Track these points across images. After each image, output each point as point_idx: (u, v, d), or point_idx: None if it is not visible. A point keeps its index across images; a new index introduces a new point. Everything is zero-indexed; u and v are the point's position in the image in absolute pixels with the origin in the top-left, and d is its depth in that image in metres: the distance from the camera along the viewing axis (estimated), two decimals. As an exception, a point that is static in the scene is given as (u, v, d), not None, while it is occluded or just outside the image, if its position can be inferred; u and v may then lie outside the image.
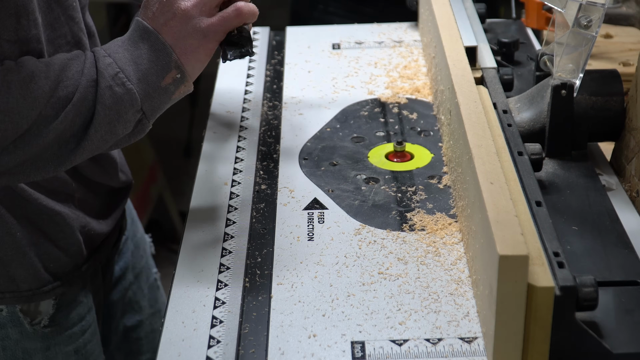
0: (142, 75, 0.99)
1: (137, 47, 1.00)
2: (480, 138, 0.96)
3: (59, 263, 1.13)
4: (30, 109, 0.94)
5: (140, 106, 0.99)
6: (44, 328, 1.15)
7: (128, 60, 0.99)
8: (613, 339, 0.82)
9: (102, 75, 0.98)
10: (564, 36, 1.07)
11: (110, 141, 1.00)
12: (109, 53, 1.00)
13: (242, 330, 0.90)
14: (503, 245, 0.79)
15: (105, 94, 0.97)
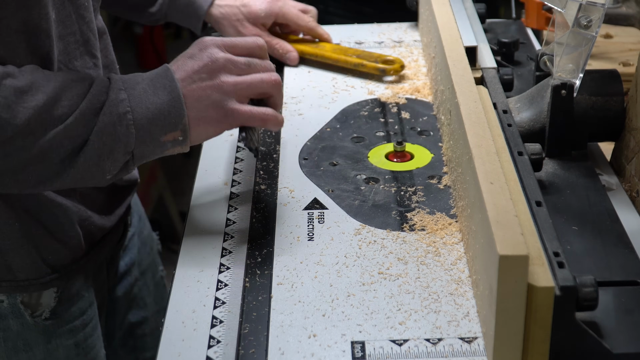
0: (147, 123, 0.97)
1: (156, 94, 0.98)
2: (480, 138, 0.96)
3: (58, 255, 1.12)
4: (15, 117, 0.92)
5: (132, 149, 0.98)
6: (45, 320, 1.15)
7: (141, 103, 0.97)
8: (613, 339, 0.82)
9: (110, 109, 0.96)
10: (564, 36, 1.07)
11: (96, 176, 0.98)
12: (126, 87, 0.98)
13: (242, 330, 0.90)
14: (503, 245, 0.79)
15: (106, 129, 0.95)
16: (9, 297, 1.12)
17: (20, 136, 0.92)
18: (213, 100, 1.00)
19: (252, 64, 1.04)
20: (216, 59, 1.01)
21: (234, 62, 1.02)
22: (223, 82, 1.01)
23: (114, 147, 0.96)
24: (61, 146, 0.94)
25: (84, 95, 0.96)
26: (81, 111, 0.95)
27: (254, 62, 1.04)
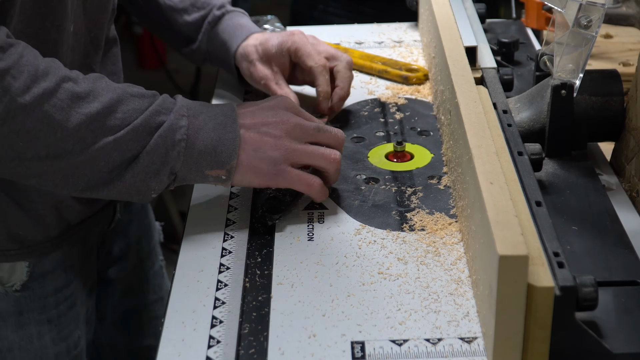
0: (197, 154, 1.00)
1: (215, 129, 1.00)
2: (480, 138, 0.96)
3: (28, 231, 1.12)
4: (67, 121, 0.94)
5: (177, 172, 1.00)
6: (16, 292, 1.15)
7: (198, 134, 0.99)
8: (613, 339, 0.82)
9: (167, 132, 0.98)
10: (564, 36, 1.07)
11: (141, 191, 0.99)
12: (189, 114, 1.00)
13: (242, 330, 0.90)
14: (503, 245, 0.79)
15: (158, 149, 0.98)
16: None
17: (71, 140, 0.94)
18: (269, 155, 1.02)
19: (322, 131, 1.06)
20: (287, 120, 1.03)
21: (303, 128, 1.04)
22: (285, 144, 1.03)
23: (161, 169, 0.99)
24: (109, 157, 0.96)
25: (142, 111, 0.98)
26: (134, 127, 0.97)
27: (324, 130, 1.06)
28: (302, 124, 1.04)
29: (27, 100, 0.91)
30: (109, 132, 0.96)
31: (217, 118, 1.01)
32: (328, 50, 1.28)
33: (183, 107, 1.00)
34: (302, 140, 1.04)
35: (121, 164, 0.97)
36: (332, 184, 1.09)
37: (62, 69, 0.96)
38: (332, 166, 1.06)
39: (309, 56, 1.25)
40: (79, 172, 0.97)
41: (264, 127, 1.03)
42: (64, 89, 0.94)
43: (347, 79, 1.27)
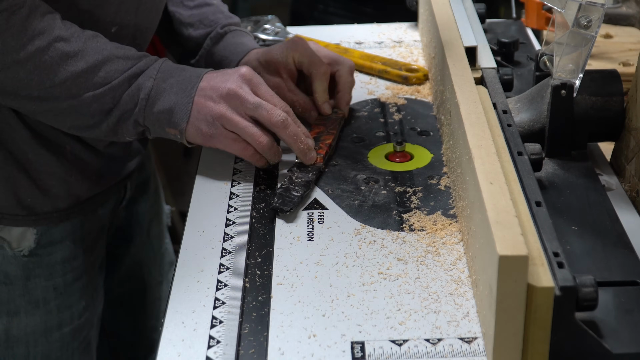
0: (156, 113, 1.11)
1: (176, 93, 1.11)
2: (480, 138, 0.96)
3: (36, 201, 1.20)
4: (55, 76, 1.06)
5: (144, 125, 1.12)
6: (24, 257, 1.22)
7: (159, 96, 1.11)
8: (613, 339, 0.82)
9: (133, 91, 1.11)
10: (564, 36, 1.07)
11: (118, 135, 1.13)
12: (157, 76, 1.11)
13: (242, 330, 0.90)
14: (503, 245, 0.79)
15: (126, 106, 1.11)
16: None
17: (58, 89, 1.07)
18: (206, 118, 1.11)
19: (260, 109, 1.11)
20: (230, 89, 1.11)
21: (241, 100, 1.11)
22: (220, 110, 1.11)
23: (129, 121, 1.11)
24: (90, 107, 1.10)
25: (123, 71, 1.10)
26: (112, 86, 1.09)
27: (262, 108, 1.11)
28: (242, 96, 1.11)
29: (22, 56, 1.05)
30: (91, 87, 1.09)
31: (182, 83, 1.12)
32: (330, 56, 1.29)
33: (154, 70, 1.12)
34: (240, 111, 1.11)
35: (100, 114, 1.10)
36: (261, 164, 1.15)
37: (57, 28, 1.07)
38: (258, 147, 1.12)
39: (311, 63, 1.25)
40: (64, 115, 1.11)
41: (211, 91, 1.11)
42: (55, 48, 1.06)
43: (348, 84, 1.28)
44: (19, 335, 1.26)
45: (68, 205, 1.22)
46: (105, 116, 1.10)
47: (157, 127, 1.12)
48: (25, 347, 1.27)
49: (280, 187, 1.10)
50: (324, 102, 1.25)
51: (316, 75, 1.25)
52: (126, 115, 1.11)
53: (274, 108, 1.11)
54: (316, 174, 1.14)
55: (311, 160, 1.14)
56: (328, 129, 1.22)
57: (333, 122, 1.24)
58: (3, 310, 1.24)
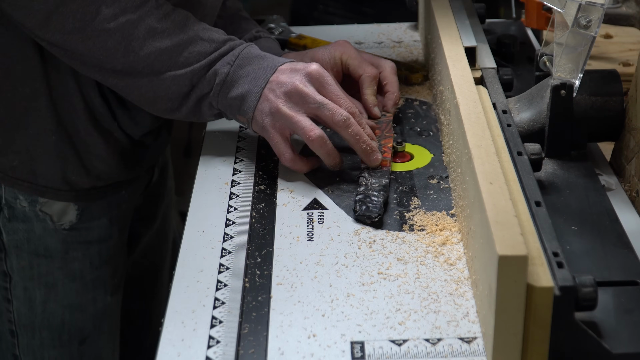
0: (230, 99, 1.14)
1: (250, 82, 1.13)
2: (479, 138, 0.96)
3: (79, 178, 1.26)
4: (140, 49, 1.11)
5: (218, 107, 1.16)
6: (64, 230, 1.28)
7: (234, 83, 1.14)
8: (612, 339, 0.82)
9: (211, 75, 1.14)
10: (564, 36, 1.07)
11: (199, 117, 1.18)
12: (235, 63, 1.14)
13: (242, 330, 0.90)
14: (502, 245, 0.79)
15: (203, 89, 1.14)
16: (30, 204, 1.26)
17: (141, 64, 1.12)
18: (265, 112, 1.13)
19: (323, 108, 1.11)
20: (294, 87, 1.11)
21: (303, 97, 1.11)
22: (277, 106, 1.12)
23: (205, 103, 1.16)
24: (169, 88, 1.14)
25: (205, 54, 1.14)
26: (193, 69, 1.13)
27: (325, 107, 1.11)
28: (304, 93, 1.11)
29: (112, 26, 1.10)
30: (172, 66, 1.13)
31: (257, 72, 1.14)
32: (372, 59, 1.29)
33: (233, 56, 1.14)
34: (300, 108, 1.11)
35: (177, 97, 1.15)
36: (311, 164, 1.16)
37: (150, 3, 1.12)
38: (309, 143, 1.12)
39: (360, 65, 1.25)
40: (145, 93, 1.15)
41: (276, 85, 1.12)
42: (145, 22, 1.11)
43: (395, 83, 1.27)
44: (55, 307, 1.32)
45: (106, 184, 1.30)
46: (185, 99, 1.15)
47: (229, 112, 1.16)
48: (61, 319, 1.32)
49: (358, 195, 1.08)
50: (374, 105, 1.24)
51: (365, 78, 1.24)
52: (202, 98, 1.15)
53: (337, 107, 1.11)
54: (389, 178, 1.12)
55: (375, 162, 1.13)
56: (384, 132, 1.21)
57: (387, 125, 1.22)
58: (41, 282, 1.30)
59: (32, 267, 1.29)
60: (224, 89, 1.14)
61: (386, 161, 1.14)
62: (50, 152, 1.23)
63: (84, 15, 1.09)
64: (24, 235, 1.28)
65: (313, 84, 1.12)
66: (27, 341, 1.33)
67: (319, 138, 1.11)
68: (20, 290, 1.30)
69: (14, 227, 1.28)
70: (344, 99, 1.13)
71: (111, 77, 1.14)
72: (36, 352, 1.34)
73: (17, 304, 1.31)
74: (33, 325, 1.32)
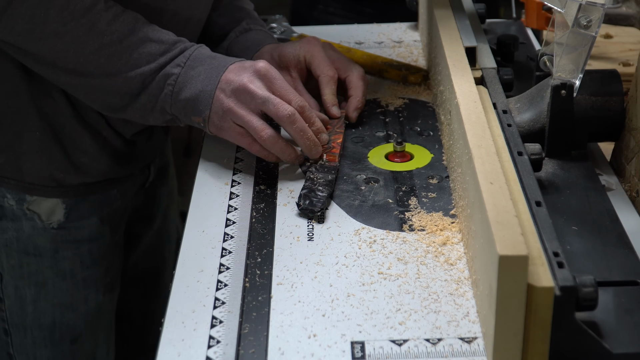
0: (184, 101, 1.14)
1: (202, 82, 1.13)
2: (480, 138, 0.96)
3: (67, 174, 1.26)
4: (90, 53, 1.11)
5: (171, 112, 1.15)
6: (53, 229, 1.28)
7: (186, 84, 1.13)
8: (613, 339, 0.82)
9: (161, 78, 1.14)
10: (564, 36, 1.07)
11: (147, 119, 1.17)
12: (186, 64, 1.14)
13: (242, 330, 0.90)
14: (503, 245, 0.79)
15: (153, 91, 1.14)
16: (17, 202, 1.26)
17: (92, 65, 1.12)
18: (217, 111, 1.13)
19: (268, 103, 1.12)
20: (241, 85, 1.12)
21: (250, 94, 1.12)
22: (229, 104, 1.12)
23: (155, 108, 1.15)
24: (120, 89, 1.14)
25: (156, 56, 1.13)
26: (143, 71, 1.13)
27: (270, 102, 1.12)
28: (251, 91, 1.12)
29: (61, 29, 1.09)
30: (123, 68, 1.12)
31: (209, 71, 1.14)
32: (341, 60, 1.29)
33: (184, 58, 1.14)
34: (249, 105, 1.13)
35: (128, 96, 1.14)
36: (271, 160, 1.17)
37: (99, 6, 1.11)
38: (262, 142, 1.13)
39: (319, 66, 1.26)
40: (96, 93, 1.15)
41: (226, 84, 1.13)
42: (94, 25, 1.10)
43: (359, 89, 1.28)
44: (45, 306, 1.32)
45: (95, 180, 1.29)
46: (133, 99, 1.14)
47: (183, 115, 1.15)
48: (52, 318, 1.32)
49: (303, 189, 1.10)
50: (332, 105, 1.25)
51: (323, 78, 1.26)
52: (153, 101, 1.14)
53: (282, 103, 1.12)
54: (335, 174, 1.13)
55: (315, 155, 1.15)
56: (335, 128, 1.23)
57: (339, 122, 1.24)
58: (32, 281, 1.30)
59: (22, 266, 1.30)
60: (176, 91, 1.14)
61: (334, 157, 1.16)
62: (35, 149, 1.23)
63: (32, 17, 1.09)
64: (13, 234, 1.28)
65: (261, 80, 1.14)
66: (20, 340, 1.34)
67: (270, 137, 1.13)
68: (11, 289, 1.31)
69: (4, 226, 1.28)
70: (293, 94, 1.15)
71: (63, 76, 1.14)
72: (29, 350, 1.34)
73: (9, 302, 1.32)
74: (25, 324, 1.33)
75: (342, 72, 1.28)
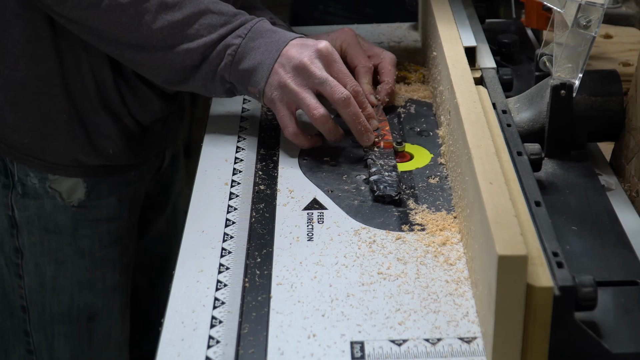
0: (242, 71, 1.17)
1: (262, 54, 1.16)
2: (479, 138, 0.96)
3: (88, 156, 1.29)
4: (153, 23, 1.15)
5: (230, 81, 1.19)
6: (73, 207, 1.32)
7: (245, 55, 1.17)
8: (612, 339, 0.82)
9: (222, 47, 1.17)
10: (564, 36, 1.07)
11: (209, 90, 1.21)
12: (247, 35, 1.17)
13: (242, 330, 0.90)
14: (502, 245, 0.79)
15: (213, 61, 1.17)
16: (40, 180, 1.29)
17: (155, 38, 1.16)
18: (274, 86, 1.17)
19: (325, 84, 1.15)
20: (301, 63, 1.15)
21: (308, 74, 1.15)
22: (285, 81, 1.16)
23: (215, 77, 1.19)
24: (183, 61, 1.18)
25: (216, 27, 1.17)
26: (204, 41, 1.17)
27: (328, 84, 1.15)
28: (310, 70, 1.15)
29: (125, 1, 1.14)
30: (185, 39, 1.17)
31: (269, 45, 1.17)
32: (373, 49, 1.34)
33: (245, 29, 1.18)
34: (306, 84, 1.16)
35: (190, 69, 1.18)
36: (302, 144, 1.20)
37: None
38: (312, 120, 1.17)
39: (356, 56, 1.30)
40: (159, 68, 1.19)
41: (286, 60, 1.16)
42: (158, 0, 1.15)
43: (391, 74, 1.31)
44: (64, 283, 1.35)
45: (114, 164, 1.32)
46: (195, 70, 1.18)
47: (240, 85, 1.18)
48: (70, 295, 1.36)
49: (372, 175, 1.11)
50: (370, 94, 1.28)
51: (360, 69, 1.29)
52: (213, 70, 1.18)
53: (339, 85, 1.15)
54: (394, 159, 1.16)
55: (367, 141, 1.18)
56: (379, 116, 1.25)
57: (378, 109, 1.27)
58: (52, 258, 1.33)
59: (42, 243, 1.33)
60: (236, 61, 1.17)
61: (390, 143, 1.19)
62: (60, 131, 1.27)
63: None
64: (34, 212, 1.31)
65: (321, 60, 1.16)
66: (38, 317, 1.36)
67: (322, 117, 1.15)
68: (31, 266, 1.34)
69: (26, 204, 1.31)
70: (350, 78, 1.18)
71: (127, 52, 1.18)
72: (46, 327, 1.37)
73: (28, 279, 1.34)
74: (43, 301, 1.36)
75: (374, 60, 1.33)
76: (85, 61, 1.24)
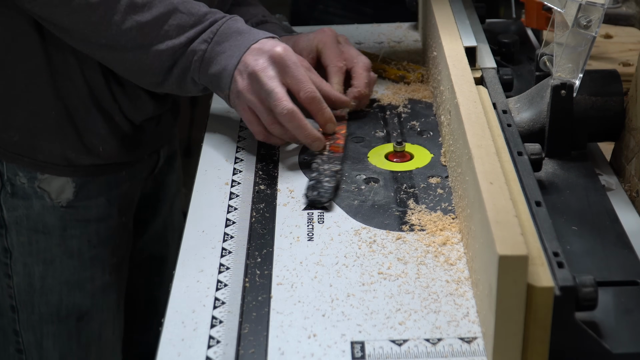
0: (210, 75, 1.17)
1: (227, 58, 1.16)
2: (479, 138, 0.96)
3: (78, 154, 1.29)
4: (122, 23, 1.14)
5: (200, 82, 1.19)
6: (62, 207, 1.31)
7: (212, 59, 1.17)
8: (613, 339, 0.82)
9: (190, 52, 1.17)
10: (564, 36, 1.07)
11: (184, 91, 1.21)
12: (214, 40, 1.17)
13: (242, 330, 0.90)
14: (503, 245, 0.79)
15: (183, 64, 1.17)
16: (29, 180, 1.29)
17: (124, 38, 1.15)
18: (236, 94, 1.17)
19: (269, 98, 1.14)
20: (254, 72, 1.15)
21: (260, 85, 1.14)
22: (243, 92, 1.16)
23: (187, 79, 1.19)
24: (153, 63, 1.17)
25: (185, 28, 1.17)
26: (174, 44, 1.16)
27: (272, 97, 1.14)
28: (261, 81, 1.14)
29: (95, 1, 1.13)
30: (154, 40, 1.16)
31: (232, 50, 1.17)
32: (349, 51, 1.32)
33: (211, 33, 1.17)
34: (256, 93, 1.15)
35: (162, 70, 1.18)
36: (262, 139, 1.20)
37: None
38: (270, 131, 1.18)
39: (329, 56, 1.29)
40: (131, 67, 1.19)
41: (244, 66, 1.15)
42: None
43: (362, 79, 1.29)
44: (53, 283, 1.34)
45: (105, 163, 1.32)
46: (168, 73, 1.18)
47: (211, 88, 1.20)
48: (59, 295, 1.35)
49: (311, 180, 1.12)
50: (340, 94, 1.27)
51: (331, 69, 1.28)
52: (184, 73, 1.18)
53: (281, 100, 1.14)
54: (341, 164, 1.16)
55: (317, 149, 1.17)
56: (338, 119, 1.24)
57: (340, 112, 1.26)
58: (40, 258, 1.33)
59: (31, 243, 1.32)
60: (203, 66, 1.17)
61: (339, 147, 1.19)
62: (49, 128, 1.26)
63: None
64: (23, 212, 1.31)
65: (275, 66, 1.16)
66: (27, 317, 1.36)
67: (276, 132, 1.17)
68: (20, 266, 1.34)
69: (14, 204, 1.31)
70: (305, 83, 1.17)
71: (98, 51, 1.18)
72: (35, 327, 1.37)
73: (17, 279, 1.34)
74: (32, 301, 1.35)
75: (348, 63, 1.31)
76: (73, 58, 1.23)
